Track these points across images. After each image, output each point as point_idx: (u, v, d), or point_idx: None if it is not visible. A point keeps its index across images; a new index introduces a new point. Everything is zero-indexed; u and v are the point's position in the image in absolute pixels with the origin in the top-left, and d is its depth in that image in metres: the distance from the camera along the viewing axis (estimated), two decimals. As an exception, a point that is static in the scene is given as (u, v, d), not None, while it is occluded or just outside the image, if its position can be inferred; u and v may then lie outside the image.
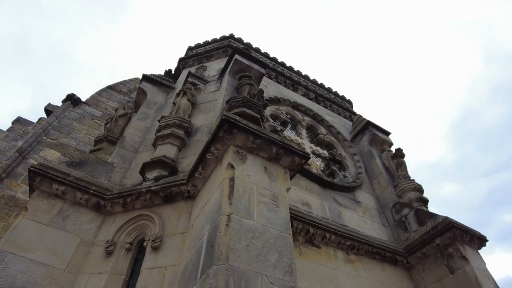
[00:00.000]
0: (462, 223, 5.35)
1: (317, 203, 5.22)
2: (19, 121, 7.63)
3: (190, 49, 8.08)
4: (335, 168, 6.48)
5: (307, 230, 4.49)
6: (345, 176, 6.42)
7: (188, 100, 5.56)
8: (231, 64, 6.06)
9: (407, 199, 6.07)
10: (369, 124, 7.55)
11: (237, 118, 3.57)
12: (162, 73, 7.31)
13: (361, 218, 5.70)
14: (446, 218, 5.15)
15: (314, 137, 7.39)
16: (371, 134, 7.38)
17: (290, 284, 2.54)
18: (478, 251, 5.36)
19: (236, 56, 6.05)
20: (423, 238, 5.27)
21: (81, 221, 4.07)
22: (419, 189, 6.16)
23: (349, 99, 9.68)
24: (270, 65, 8.14)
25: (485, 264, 5.13)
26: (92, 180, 4.38)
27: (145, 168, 4.41)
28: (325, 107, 8.42)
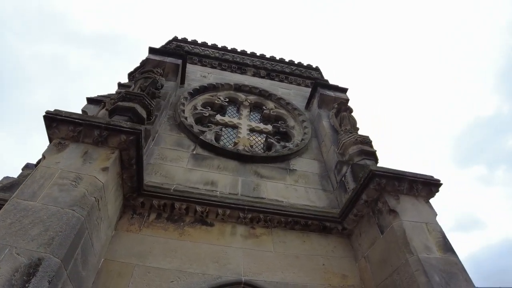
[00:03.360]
0: (403, 169, 4.08)
1: (227, 180, 4.58)
2: (27, 167, 8.78)
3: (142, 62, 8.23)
4: (272, 141, 5.65)
5: (195, 209, 3.98)
6: (284, 147, 5.55)
7: (107, 109, 5.60)
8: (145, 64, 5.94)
9: (347, 156, 4.92)
10: (317, 85, 6.43)
11: (61, 112, 3.39)
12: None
13: (290, 186, 4.81)
14: (368, 167, 3.98)
15: (262, 113, 6.65)
16: (319, 95, 6.27)
17: (40, 255, 2.34)
18: (430, 200, 4.01)
19: (148, 56, 5.86)
20: (351, 197, 4.17)
21: None
22: (362, 141, 4.92)
23: (316, 67, 8.46)
24: (217, 54, 7.68)
25: (432, 215, 3.76)
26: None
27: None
28: (281, 80, 7.51)
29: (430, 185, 4.00)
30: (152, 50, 6.01)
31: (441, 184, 4.09)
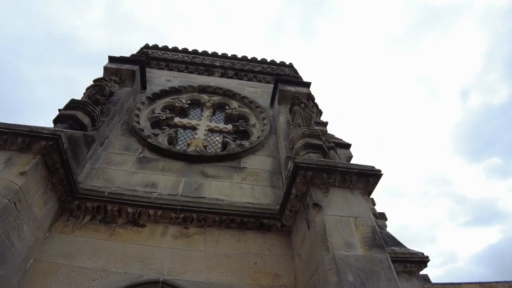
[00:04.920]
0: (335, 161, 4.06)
1: (169, 182, 4.71)
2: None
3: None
4: (228, 140, 5.78)
5: (127, 211, 4.20)
6: (239, 145, 5.65)
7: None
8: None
9: (294, 151, 4.94)
10: (278, 81, 6.48)
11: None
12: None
13: (236, 185, 4.87)
14: (294, 158, 4.00)
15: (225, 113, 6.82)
16: (279, 91, 6.33)
17: None
18: (373, 191, 3.94)
19: (105, 64, 6.24)
20: (285, 192, 4.18)
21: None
22: (310, 134, 4.89)
23: (289, 63, 8.47)
24: (187, 58, 7.93)
25: (365, 209, 3.61)
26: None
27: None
28: (249, 79, 7.62)
29: (367, 176, 3.91)
30: (111, 59, 6.38)
31: (381, 174, 3.99)
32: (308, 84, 6.52)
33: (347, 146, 7.06)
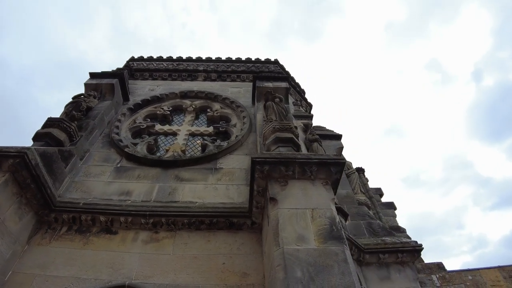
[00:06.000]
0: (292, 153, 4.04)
1: (143, 189, 4.88)
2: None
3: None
4: (206, 142, 5.91)
5: (100, 220, 4.43)
6: (218, 146, 5.77)
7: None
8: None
9: (266, 146, 4.96)
10: (256, 79, 6.52)
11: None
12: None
13: (210, 186, 4.96)
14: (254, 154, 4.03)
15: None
16: (257, 88, 6.37)
17: None
18: (331, 183, 3.89)
19: (85, 81, 6.60)
20: (250, 188, 4.24)
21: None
22: (281, 128, 4.86)
23: (275, 60, 8.49)
24: (171, 66, 8.22)
25: (326, 200, 3.55)
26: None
27: None
28: (233, 80, 7.73)
29: (328, 165, 3.85)
30: (91, 75, 6.75)
31: (343, 162, 3.93)
32: (286, 78, 6.53)
33: (338, 137, 6.98)
